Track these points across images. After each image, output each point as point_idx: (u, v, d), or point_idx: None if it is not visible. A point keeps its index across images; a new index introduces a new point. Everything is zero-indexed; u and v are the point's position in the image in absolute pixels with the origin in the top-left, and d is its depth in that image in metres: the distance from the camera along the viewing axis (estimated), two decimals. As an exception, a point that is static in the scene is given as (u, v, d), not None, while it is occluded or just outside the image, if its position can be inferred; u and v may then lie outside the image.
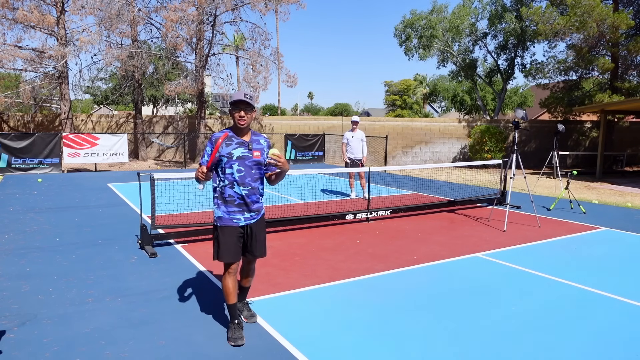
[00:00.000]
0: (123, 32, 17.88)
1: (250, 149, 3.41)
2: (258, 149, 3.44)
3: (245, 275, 3.77)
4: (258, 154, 3.43)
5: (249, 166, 3.40)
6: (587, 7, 16.88)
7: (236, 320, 3.51)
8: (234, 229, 3.45)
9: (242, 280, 3.79)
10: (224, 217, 3.44)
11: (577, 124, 23.41)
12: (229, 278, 3.48)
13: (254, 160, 3.41)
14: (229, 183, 3.40)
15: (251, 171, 3.42)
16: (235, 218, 3.43)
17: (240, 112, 3.33)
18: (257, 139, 3.48)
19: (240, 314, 3.76)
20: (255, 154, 3.42)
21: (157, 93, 28.40)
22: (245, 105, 3.32)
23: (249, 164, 3.40)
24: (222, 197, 3.44)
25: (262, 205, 3.59)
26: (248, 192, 3.42)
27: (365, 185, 9.93)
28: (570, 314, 4.09)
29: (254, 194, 3.46)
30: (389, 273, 5.15)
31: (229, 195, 3.41)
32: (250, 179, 3.42)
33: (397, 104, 54.36)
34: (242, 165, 3.38)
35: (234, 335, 3.44)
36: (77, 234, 6.70)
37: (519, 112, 7.86)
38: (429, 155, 22.69)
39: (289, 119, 22.68)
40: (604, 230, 7.57)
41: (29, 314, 3.90)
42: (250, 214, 3.48)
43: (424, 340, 3.55)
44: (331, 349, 3.40)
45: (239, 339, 3.42)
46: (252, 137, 3.46)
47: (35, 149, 14.69)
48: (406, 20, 25.66)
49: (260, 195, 3.53)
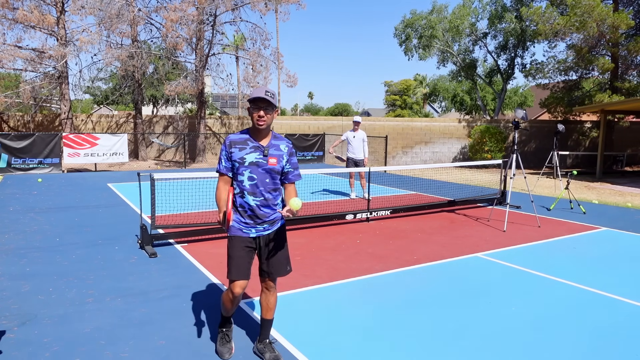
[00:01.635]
0: (123, 32, 17.88)
1: (265, 154, 2.98)
2: (275, 156, 3.00)
3: (265, 305, 3.19)
4: (274, 161, 2.99)
5: (262, 174, 2.98)
6: (587, 7, 16.88)
7: (224, 329, 3.32)
8: (242, 240, 3.03)
9: (262, 311, 3.22)
10: (234, 225, 3.05)
11: (577, 124, 23.41)
12: (229, 295, 3.09)
13: (268, 167, 2.98)
14: (240, 191, 3.00)
15: (265, 180, 2.99)
16: (246, 229, 3.04)
17: (260, 111, 2.90)
18: (277, 143, 3.05)
19: (262, 356, 3.20)
20: (270, 161, 2.98)
21: (157, 93, 28.40)
22: (266, 104, 2.91)
23: (262, 172, 2.98)
24: (234, 206, 3.04)
25: (279, 216, 3.13)
26: (259, 203, 3.00)
27: (365, 185, 9.93)
28: (570, 314, 4.09)
29: (267, 206, 3.03)
30: (388, 273, 5.15)
31: (240, 205, 3.02)
32: (264, 188, 2.99)
33: (397, 104, 54.38)
34: (254, 173, 2.97)
35: (221, 347, 3.26)
36: (77, 234, 6.70)
37: (519, 112, 7.86)
38: (429, 155, 22.69)
39: (289, 119, 22.69)
40: (604, 230, 7.57)
41: (29, 314, 3.90)
42: (264, 226, 3.06)
43: (424, 340, 3.55)
44: (331, 349, 3.40)
45: (225, 353, 3.21)
46: (271, 141, 3.04)
47: (35, 149, 14.69)
48: (406, 20, 25.68)
49: (276, 206, 3.09)
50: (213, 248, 6.06)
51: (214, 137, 20.95)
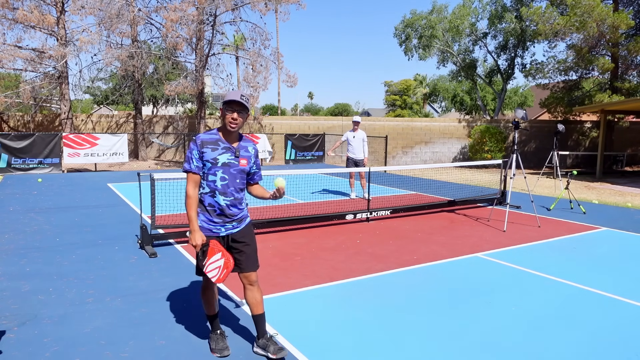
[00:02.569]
0: (123, 32, 17.88)
1: (237, 155, 3.09)
2: (245, 157, 3.13)
3: (253, 301, 3.22)
4: (245, 162, 3.13)
5: (233, 175, 3.08)
6: (587, 7, 16.88)
7: (218, 331, 3.35)
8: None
9: (252, 308, 3.23)
10: (203, 226, 3.10)
11: (577, 124, 23.41)
12: (204, 291, 3.30)
13: (239, 168, 3.10)
14: (210, 191, 3.07)
15: (235, 180, 3.10)
16: (215, 228, 3.12)
17: (234, 114, 2.98)
18: (246, 145, 3.17)
19: (267, 351, 3.20)
20: (242, 162, 3.11)
21: (157, 93, 28.38)
22: (240, 107, 2.99)
23: (234, 172, 3.09)
24: (202, 205, 3.11)
25: (246, 214, 3.27)
26: (229, 203, 3.09)
27: (365, 185, 9.93)
28: (570, 314, 4.09)
29: (236, 205, 3.13)
30: (388, 273, 5.15)
31: (209, 204, 3.09)
32: (234, 188, 3.10)
33: (397, 104, 54.37)
34: (226, 173, 3.07)
35: (218, 346, 3.26)
36: (77, 234, 6.70)
37: (519, 112, 7.86)
38: (429, 155, 22.69)
39: (289, 119, 22.69)
40: (604, 230, 7.57)
41: (29, 314, 3.90)
42: (232, 224, 3.16)
43: (424, 340, 3.55)
44: (331, 348, 3.40)
45: (224, 350, 3.24)
46: (240, 143, 3.15)
47: (35, 149, 14.69)
48: (406, 20, 25.67)
49: (242, 204, 3.21)
50: (213, 248, 6.05)
51: (214, 137, 20.91)
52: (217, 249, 3.06)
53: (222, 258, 3.04)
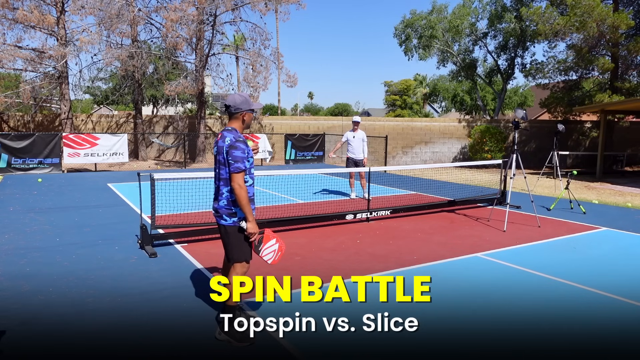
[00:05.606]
0: (123, 32, 17.88)
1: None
2: None
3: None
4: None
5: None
6: (587, 7, 16.87)
7: (242, 315, 3.54)
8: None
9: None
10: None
11: (577, 124, 23.40)
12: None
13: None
14: (252, 183, 3.56)
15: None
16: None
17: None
18: None
19: (249, 320, 3.49)
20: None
21: (157, 93, 28.37)
22: None
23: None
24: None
25: None
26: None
27: (365, 185, 9.93)
28: (570, 314, 4.09)
29: None
30: (388, 273, 5.15)
31: (252, 195, 3.54)
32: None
33: (397, 104, 54.35)
34: (252, 166, 3.62)
35: (246, 332, 3.39)
36: (77, 234, 6.70)
37: (519, 112, 7.86)
38: (429, 155, 22.69)
39: (289, 119, 22.71)
40: (604, 230, 7.57)
41: (29, 314, 3.90)
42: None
43: (424, 340, 3.55)
44: (331, 348, 3.39)
45: (249, 334, 3.41)
46: None
47: (35, 149, 14.68)
48: (406, 20, 25.65)
49: None
50: (213, 248, 6.05)
51: (214, 137, 20.88)
52: (271, 236, 3.48)
53: (277, 243, 3.47)
